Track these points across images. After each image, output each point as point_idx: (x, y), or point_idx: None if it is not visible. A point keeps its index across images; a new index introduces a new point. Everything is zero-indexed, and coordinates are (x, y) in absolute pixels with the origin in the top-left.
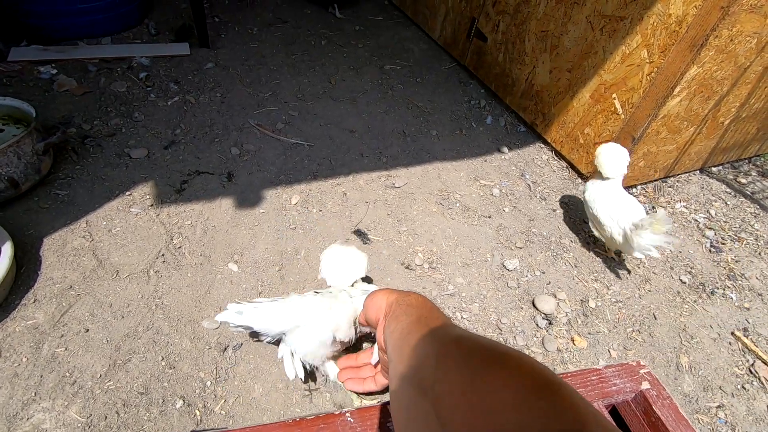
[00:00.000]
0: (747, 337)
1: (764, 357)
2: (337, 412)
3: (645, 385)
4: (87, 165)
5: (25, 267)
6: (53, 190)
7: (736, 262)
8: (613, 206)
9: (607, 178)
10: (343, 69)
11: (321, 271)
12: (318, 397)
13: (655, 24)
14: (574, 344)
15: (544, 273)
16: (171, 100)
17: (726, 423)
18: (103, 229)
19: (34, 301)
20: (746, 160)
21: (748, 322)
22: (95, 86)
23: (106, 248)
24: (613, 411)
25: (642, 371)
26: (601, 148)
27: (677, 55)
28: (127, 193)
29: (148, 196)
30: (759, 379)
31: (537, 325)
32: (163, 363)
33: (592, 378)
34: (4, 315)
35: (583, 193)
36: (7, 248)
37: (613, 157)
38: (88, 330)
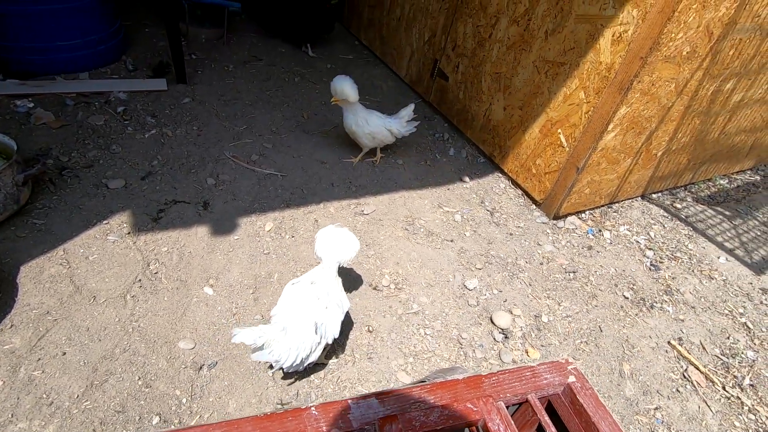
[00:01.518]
0: (681, 346)
1: (696, 363)
2: (303, 407)
3: (571, 379)
4: (64, 195)
5: (2, 294)
6: (30, 219)
7: (673, 278)
8: (376, 119)
9: (354, 103)
10: (315, 104)
11: (316, 248)
12: None
13: (589, 69)
14: (528, 356)
15: (501, 291)
16: (148, 133)
17: (662, 423)
18: (81, 256)
19: (11, 326)
20: (682, 188)
21: (683, 332)
22: (73, 119)
23: (83, 275)
24: (549, 405)
25: (569, 367)
26: (340, 82)
27: (609, 96)
28: (105, 221)
29: (125, 225)
30: (692, 382)
31: (494, 339)
32: (140, 382)
33: (527, 374)
34: None
35: (353, 125)
36: None
37: (352, 86)
38: (65, 353)
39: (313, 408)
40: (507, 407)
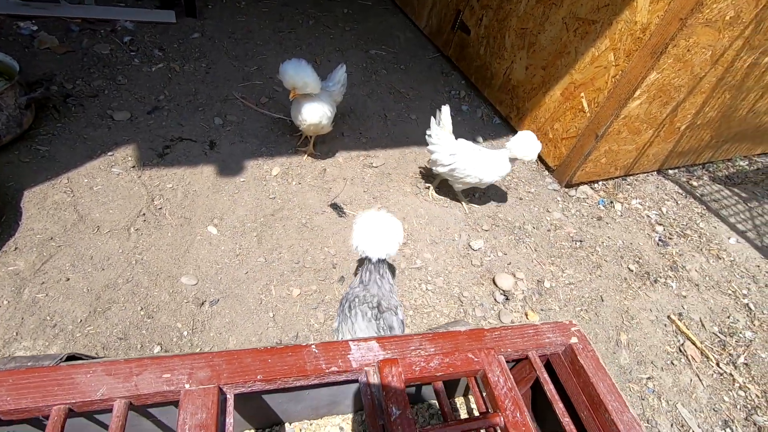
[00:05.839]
0: (681, 321)
1: (693, 338)
2: (304, 344)
3: (573, 340)
4: (69, 123)
5: (6, 217)
6: (34, 145)
7: (680, 255)
8: (330, 96)
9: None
10: (329, 50)
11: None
12: None
13: (622, 29)
14: (528, 319)
15: (506, 254)
16: (155, 67)
17: (654, 392)
18: (85, 186)
19: (15, 249)
20: (700, 166)
21: (684, 308)
22: (78, 46)
23: (87, 204)
24: (548, 364)
25: (573, 329)
26: (299, 72)
27: (640, 60)
28: (109, 153)
29: (130, 158)
30: (686, 357)
31: (495, 299)
32: (142, 313)
33: (529, 331)
34: None
35: (324, 118)
36: None
37: (314, 73)
38: (68, 279)
39: (313, 346)
40: (507, 362)
